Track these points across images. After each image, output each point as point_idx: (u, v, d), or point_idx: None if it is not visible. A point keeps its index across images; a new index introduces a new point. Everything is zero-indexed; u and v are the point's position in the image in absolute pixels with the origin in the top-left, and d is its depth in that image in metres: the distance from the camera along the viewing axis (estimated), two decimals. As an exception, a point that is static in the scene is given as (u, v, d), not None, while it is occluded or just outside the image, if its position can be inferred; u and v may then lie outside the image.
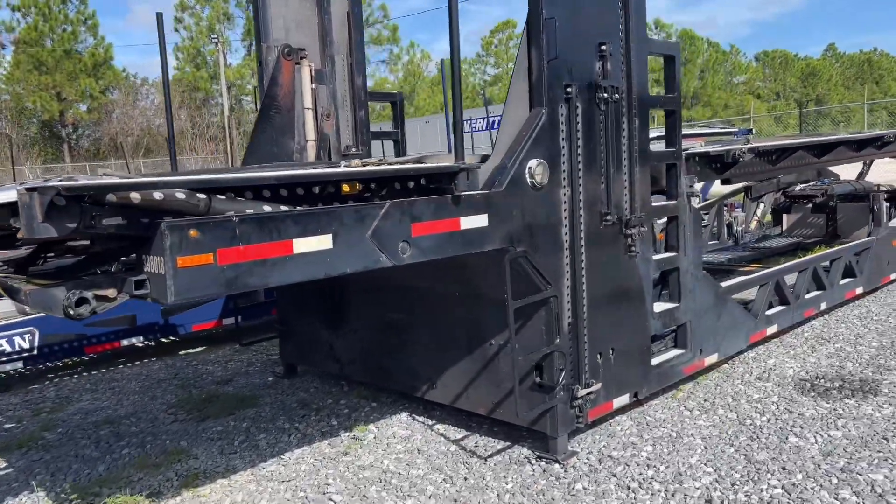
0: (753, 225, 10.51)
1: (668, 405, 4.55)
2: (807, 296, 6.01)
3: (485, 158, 3.63)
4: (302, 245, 2.77)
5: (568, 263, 3.74)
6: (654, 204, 4.34)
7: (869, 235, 7.24)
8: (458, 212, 3.18)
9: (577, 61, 3.70)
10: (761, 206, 10.54)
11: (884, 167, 11.73)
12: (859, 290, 6.75)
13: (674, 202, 4.48)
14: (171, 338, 6.51)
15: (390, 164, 3.50)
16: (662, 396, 4.68)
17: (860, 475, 3.45)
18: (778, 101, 79.30)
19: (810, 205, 10.70)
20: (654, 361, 4.42)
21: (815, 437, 3.92)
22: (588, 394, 3.86)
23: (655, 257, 4.38)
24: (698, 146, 5.50)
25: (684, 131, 4.91)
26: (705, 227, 10.25)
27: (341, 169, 3.27)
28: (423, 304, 4.35)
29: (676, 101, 4.44)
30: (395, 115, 6.35)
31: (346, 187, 3.15)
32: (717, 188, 12.77)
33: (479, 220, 3.27)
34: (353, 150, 5.79)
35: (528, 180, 3.50)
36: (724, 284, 5.11)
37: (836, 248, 6.64)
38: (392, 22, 50.98)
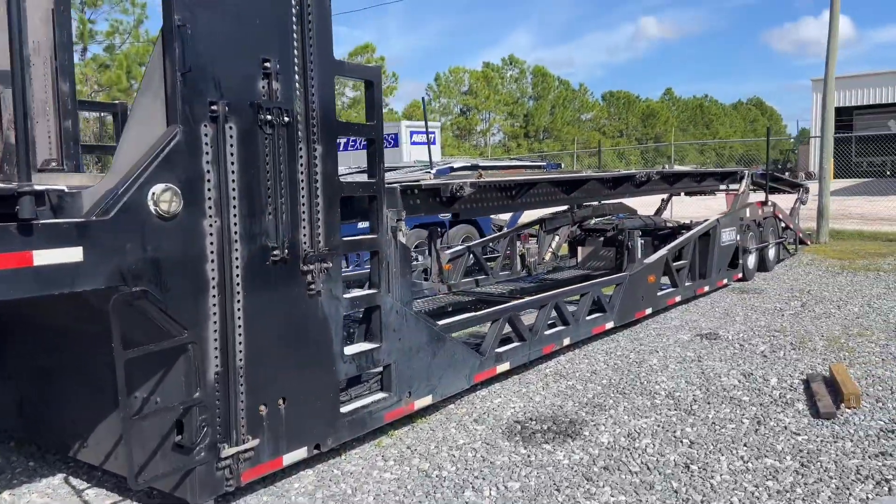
0: (548, 256, 10.67)
1: (367, 454, 4.22)
2: (547, 332, 5.97)
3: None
4: None
5: (216, 305, 3.30)
6: (348, 238, 4.03)
7: (623, 271, 7.43)
8: (29, 244, 2.64)
9: (228, 76, 3.30)
10: (556, 238, 10.75)
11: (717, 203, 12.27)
12: (609, 325, 6.85)
13: (373, 236, 4.19)
14: None
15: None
16: (368, 444, 4.35)
17: (516, 534, 3.24)
18: (621, 138, 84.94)
19: (602, 238, 11.12)
20: (346, 409, 4.07)
21: (491, 489, 3.71)
22: (241, 452, 3.41)
23: (349, 295, 4.05)
24: (421, 178, 5.29)
25: (501, 162, 4.68)
26: (496, 257, 10.31)
27: None
28: (73, 346, 3.74)
29: (377, 130, 4.16)
30: (117, 128, 5.69)
31: None
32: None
33: (68, 255, 2.75)
34: (54, 164, 5.08)
35: (152, 208, 3.03)
36: (445, 322, 4.90)
37: (584, 284, 6.71)
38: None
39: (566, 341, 6.20)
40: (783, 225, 12.16)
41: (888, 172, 37.40)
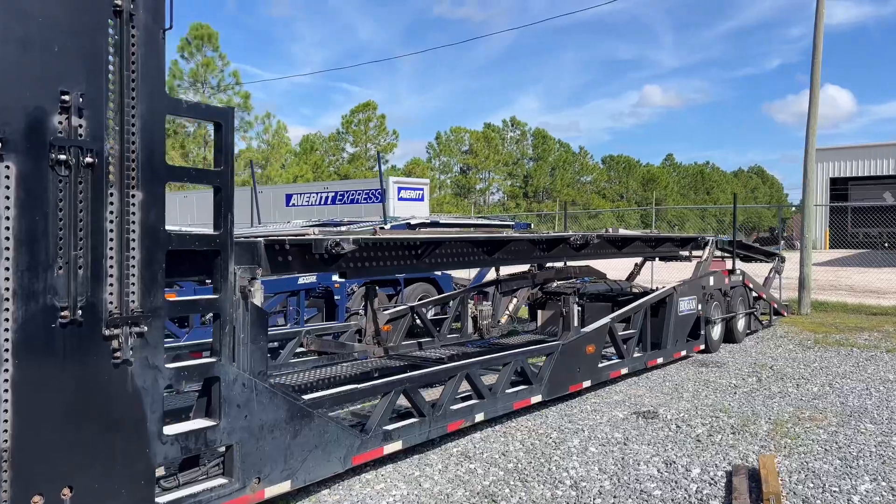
0: (504, 319, 10.13)
1: (195, 552, 3.61)
2: (455, 406, 5.40)
3: None
4: None
5: (-28, 373, 2.79)
6: (179, 298, 3.53)
7: (556, 339, 6.89)
8: None
9: (7, 108, 2.87)
10: (515, 300, 10.22)
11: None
12: (536, 399, 6.27)
13: (213, 297, 3.70)
14: None
15: None
16: (203, 538, 3.75)
17: None
18: (621, 201, 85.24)
19: (561, 302, 10.59)
20: (165, 499, 3.50)
21: None
22: (-5, 552, 2.85)
23: (174, 365, 3.53)
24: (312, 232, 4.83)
25: (467, 220, 4.21)
26: (444, 318, 9.77)
27: None
28: None
29: (224, 177, 3.71)
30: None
31: None
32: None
33: None
34: None
35: None
36: (313, 396, 4.36)
37: (504, 353, 6.17)
38: (243, 89, 49.92)
39: (479, 417, 5.61)
40: (755, 295, 11.62)
41: (886, 244, 37.05)
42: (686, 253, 10.47)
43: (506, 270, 9.76)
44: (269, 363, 6.42)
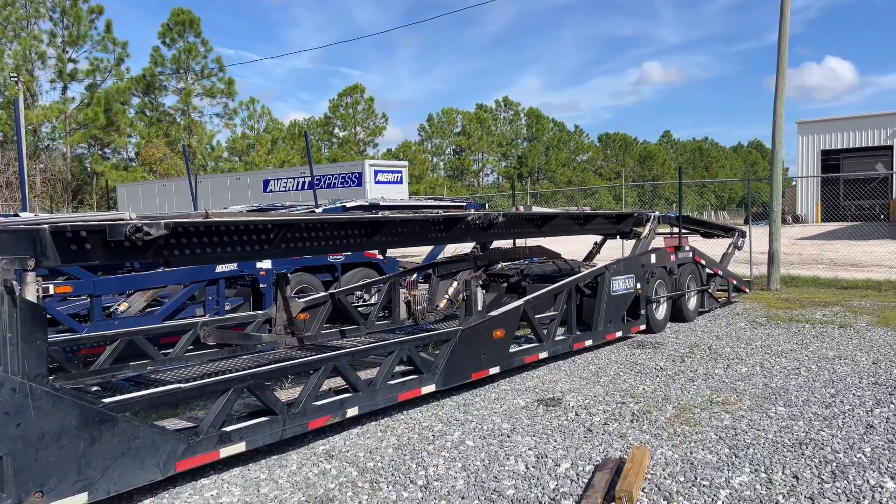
0: (443, 304, 9.70)
1: (-45, 577, 3.23)
2: (318, 402, 4.99)
3: None
4: None
5: None
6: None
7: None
8: None
9: None
10: (454, 283, 9.79)
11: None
12: (428, 389, 5.85)
13: (-36, 292, 3.29)
14: None
15: None
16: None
17: None
18: (618, 179, 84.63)
19: (506, 284, 10.17)
20: None
21: None
22: None
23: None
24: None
25: (416, 201, 3.75)
26: (373, 305, 9.37)
27: None
28: None
29: None
30: None
31: None
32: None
33: None
34: None
35: None
36: (118, 399, 3.95)
37: (388, 342, 5.75)
38: (227, 76, 49.34)
39: (352, 412, 5.19)
40: (709, 272, 11.16)
41: (882, 216, 36.36)
42: (628, 230, 10.03)
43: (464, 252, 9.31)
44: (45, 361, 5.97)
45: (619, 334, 8.61)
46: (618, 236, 10.47)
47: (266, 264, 9.74)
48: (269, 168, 41.77)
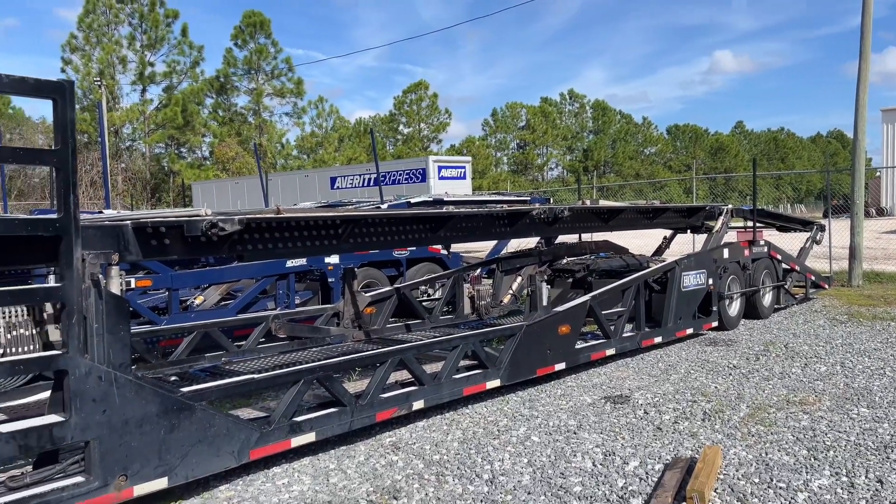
0: (507, 299, 9.69)
1: (48, 553, 3.43)
2: (386, 394, 5.06)
3: None
4: None
5: None
6: (10, 288, 3.32)
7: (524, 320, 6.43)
8: None
9: None
10: (519, 278, 9.77)
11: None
12: (493, 384, 5.85)
13: (56, 285, 3.47)
14: None
15: None
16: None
17: None
18: (688, 171, 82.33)
19: (571, 280, 10.06)
20: (5, 500, 3.31)
21: None
22: None
23: (9, 358, 3.33)
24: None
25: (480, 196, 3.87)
26: (437, 300, 9.43)
27: None
28: None
29: (63, 157, 3.45)
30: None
31: None
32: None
33: None
34: None
35: None
36: (195, 388, 4.09)
37: (454, 336, 5.76)
38: (296, 76, 50.45)
39: (417, 405, 5.25)
40: (785, 267, 10.75)
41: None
42: (700, 224, 9.76)
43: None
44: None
45: (689, 331, 8.40)
46: (688, 231, 10.22)
47: (334, 259, 9.92)
48: (336, 165, 42.55)
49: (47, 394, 5.88)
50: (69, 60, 43.47)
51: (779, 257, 10.44)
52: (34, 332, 3.90)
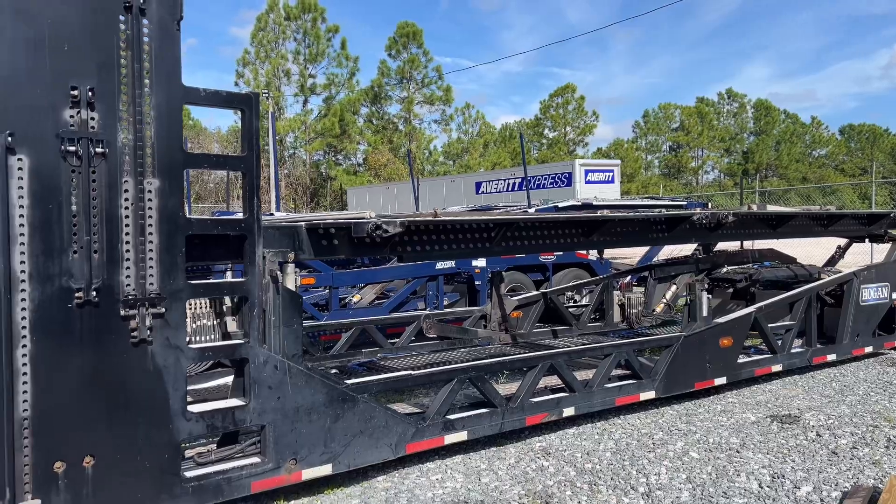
0: (660, 308, 9.40)
1: (227, 526, 3.74)
2: (535, 399, 5.04)
3: None
4: None
5: (-11, 353, 3.09)
6: (202, 282, 3.66)
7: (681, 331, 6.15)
8: None
9: (17, 106, 3.12)
10: (674, 286, 9.44)
11: None
12: (647, 396, 5.65)
13: (240, 280, 3.77)
14: None
15: None
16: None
17: None
18: (864, 175, 74.98)
19: (731, 290, 9.55)
20: (194, 473, 3.65)
21: None
22: (15, 513, 3.15)
23: (199, 345, 3.66)
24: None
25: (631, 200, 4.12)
26: (586, 306, 9.27)
27: None
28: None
29: (249, 162, 3.75)
30: None
31: None
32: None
33: None
34: None
35: None
36: (356, 381, 4.28)
37: (606, 344, 5.62)
38: (445, 83, 51.62)
39: (568, 412, 5.18)
40: None
41: None
42: (882, 233, 8.87)
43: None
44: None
45: (868, 349, 7.66)
46: (867, 240, 9.32)
47: (481, 262, 10.04)
48: (481, 170, 43.03)
49: (223, 380, 6.45)
50: (242, 74, 47.20)
51: (981, 271, 9.24)
52: (215, 322, 4.29)
